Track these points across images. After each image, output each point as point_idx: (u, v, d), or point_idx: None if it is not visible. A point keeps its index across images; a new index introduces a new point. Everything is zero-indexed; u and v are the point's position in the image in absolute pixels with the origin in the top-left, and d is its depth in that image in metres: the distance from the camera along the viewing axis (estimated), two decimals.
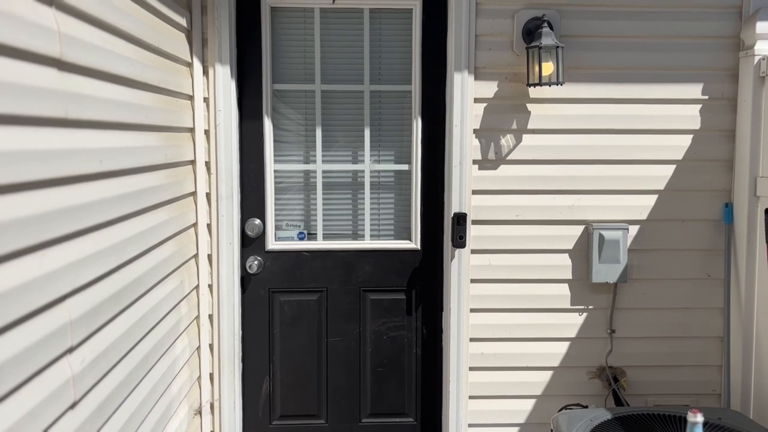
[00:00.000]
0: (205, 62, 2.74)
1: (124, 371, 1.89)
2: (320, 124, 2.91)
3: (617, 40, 2.81)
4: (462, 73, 2.78)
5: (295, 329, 2.98)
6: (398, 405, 3.04)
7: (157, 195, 2.21)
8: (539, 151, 2.85)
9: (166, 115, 2.33)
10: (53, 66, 1.44)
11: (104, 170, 1.74)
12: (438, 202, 2.95)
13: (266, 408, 3.00)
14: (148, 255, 2.12)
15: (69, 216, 1.52)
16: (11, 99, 1.27)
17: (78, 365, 1.57)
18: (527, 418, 2.97)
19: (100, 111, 1.71)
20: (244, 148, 2.88)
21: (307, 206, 2.96)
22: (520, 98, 2.82)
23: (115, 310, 1.81)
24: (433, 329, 3.01)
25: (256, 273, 2.92)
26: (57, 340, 1.45)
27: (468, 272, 2.88)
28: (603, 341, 2.95)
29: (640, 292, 2.93)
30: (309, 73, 2.89)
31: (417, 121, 2.90)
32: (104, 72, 1.74)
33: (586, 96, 2.83)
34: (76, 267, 1.56)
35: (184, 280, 2.58)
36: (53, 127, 1.45)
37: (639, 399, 2.96)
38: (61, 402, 1.48)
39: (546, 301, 2.92)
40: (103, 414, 1.73)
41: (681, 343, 2.96)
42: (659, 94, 2.84)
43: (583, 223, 2.89)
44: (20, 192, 1.30)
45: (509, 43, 2.79)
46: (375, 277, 2.98)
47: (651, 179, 2.88)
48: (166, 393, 2.34)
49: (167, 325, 2.34)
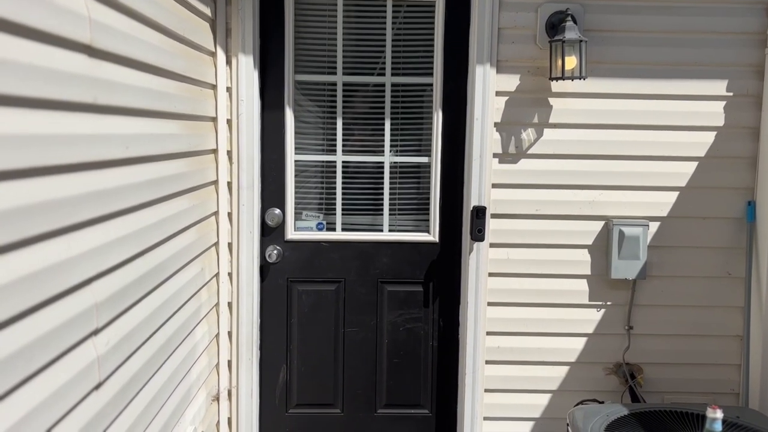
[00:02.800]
0: (229, 52, 2.75)
1: (146, 355, 1.92)
2: (341, 115, 2.92)
3: (641, 35, 2.79)
4: (484, 66, 2.77)
5: (313, 319, 3.00)
6: (414, 396, 3.05)
7: (179, 183, 2.24)
8: (560, 145, 2.84)
9: (190, 104, 2.35)
10: (84, 52, 1.46)
11: (130, 156, 1.76)
12: (457, 195, 2.95)
13: (283, 396, 3.02)
14: (170, 242, 2.15)
15: (96, 200, 1.54)
16: (43, 83, 1.29)
17: (103, 347, 1.59)
18: (543, 412, 2.97)
19: (127, 98, 1.73)
20: (265, 138, 2.90)
21: (326, 197, 2.98)
22: (542, 92, 2.81)
23: (139, 295, 1.84)
24: (450, 322, 3.02)
25: (275, 262, 2.95)
26: (83, 321, 1.48)
27: (486, 266, 2.88)
28: (620, 337, 2.94)
29: (659, 289, 2.91)
30: (331, 64, 2.90)
31: (438, 114, 2.90)
32: (132, 59, 1.76)
33: (608, 91, 2.81)
34: (102, 251, 1.58)
35: (205, 268, 2.60)
36: (82, 113, 1.47)
37: (655, 396, 2.95)
38: (87, 382, 1.50)
39: (564, 296, 2.91)
40: (125, 396, 1.75)
41: (699, 341, 2.94)
42: (683, 90, 2.82)
43: (603, 218, 2.88)
44: (50, 175, 1.33)
45: (532, 36, 2.78)
46: (393, 268, 2.99)
47: (673, 176, 2.86)
48: (186, 378, 2.37)
49: (188, 312, 2.36)
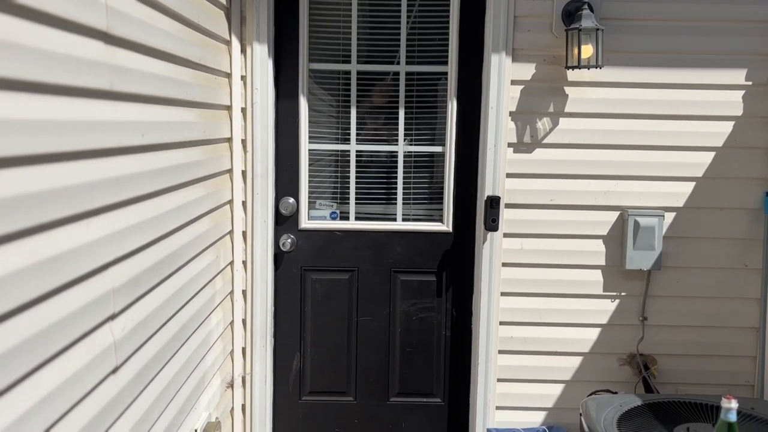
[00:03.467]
0: (243, 40, 2.76)
1: (162, 341, 1.94)
2: (355, 104, 2.92)
3: (658, 23, 2.76)
4: (499, 55, 2.75)
5: (326, 307, 3.01)
6: (426, 385, 3.06)
7: (194, 170, 2.25)
8: (576, 135, 2.82)
9: (205, 92, 2.36)
10: (100, 39, 1.47)
11: (146, 143, 1.78)
12: (471, 185, 2.94)
13: (296, 383, 3.04)
14: (185, 229, 2.16)
15: (112, 187, 1.56)
16: (61, 70, 1.30)
17: (119, 332, 1.61)
18: (555, 402, 2.97)
19: (143, 85, 1.74)
20: (279, 126, 2.90)
21: (340, 186, 2.98)
22: (558, 81, 2.79)
23: (155, 281, 1.86)
24: (462, 311, 3.02)
25: (289, 251, 2.96)
26: (101, 306, 1.50)
27: (500, 256, 2.87)
28: (634, 328, 2.93)
29: (674, 280, 2.89)
30: (345, 53, 2.90)
31: (452, 103, 2.89)
32: (148, 47, 1.76)
33: (625, 80, 2.79)
34: (119, 237, 1.60)
35: (220, 256, 2.62)
36: (99, 99, 1.48)
37: (669, 387, 2.94)
38: (104, 366, 1.52)
39: (578, 286, 2.90)
40: (142, 381, 1.77)
41: (714, 332, 2.92)
42: (700, 79, 2.79)
43: (619, 209, 2.86)
44: (68, 161, 1.34)
45: (548, 24, 2.76)
46: (406, 258, 2.99)
47: (689, 166, 2.84)
48: (201, 364, 2.39)
49: (203, 299, 2.38)
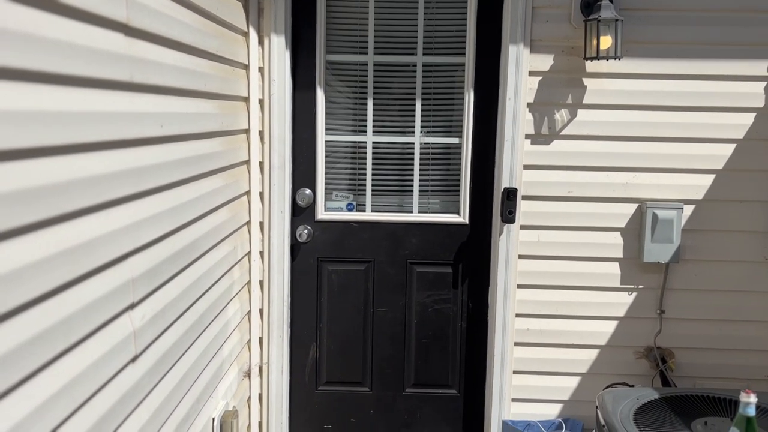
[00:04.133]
0: (261, 32, 2.76)
1: (180, 330, 1.96)
2: (372, 95, 2.92)
3: (678, 13, 2.73)
4: (517, 46, 2.74)
5: (342, 298, 3.02)
6: (442, 376, 3.07)
7: (212, 162, 2.26)
8: (594, 126, 2.80)
9: (223, 84, 2.37)
10: (120, 31, 1.48)
11: (165, 134, 1.79)
12: (488, 177, 2.94)
13: (313, 373, 3.06)
14: (203, 220, 2.18)
15: (132, 178, 1.57)
16: (81, 62, 1.31)
17: (138, 321, 1.63)
18: (571, 395, 2.96)
19: (163, 76, 1.75)
20: (296, 118, 2.91)
21: (356, 177, 2.99)
22: (576, 72, 2.77)
23: (173, 271, 1.88)
24: (479, 303, 3.02)
25: (306, 242, 2.97)
26: (120, 295, 1.52)
27: (516, 248, 2.87)
28: (652, 321, 2.91)
29: (693, 273, 2.87)
30: (362, 44, 2.89)
31: (469, 94, 2.88)
32: (167, 38, 1.78)
33: (644, 71, 2.76)
34: (138, 227, 1.61)
35: (237, 246, 2.64)
36: (119, 91, 1.49)
37: (687, 381, 2.92)
38: (123, 355, 1.54)
39: (595, 279, 2.89)
40: (160, 370, 1.80)
41: (733, 326, 2.90)
42: (721, 71, 2.75)
43: (637, 201, 2.84)
44: (89, 152, 1.35)
45: (567, 15, 2.74)
46: (422, 250, 2.99)
47: (709, 158, 2.81)
48: (218, 354, 2.41)
49: (220, 289, 2.40)
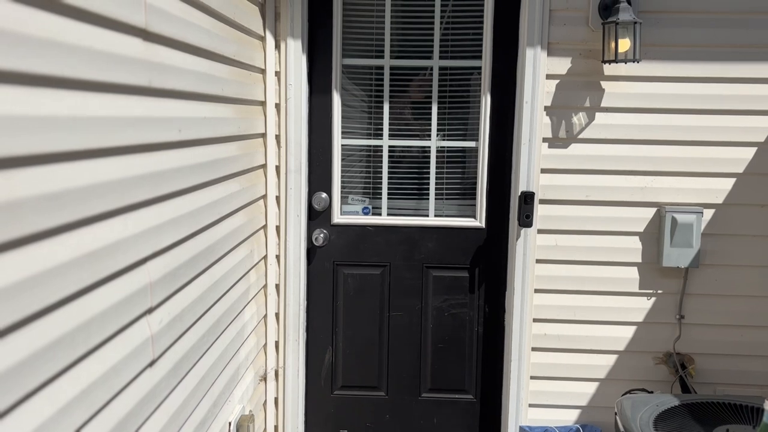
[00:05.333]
0: (278, 36, 2.77)
1: (197, 334, 1.97)
2: (387, 99, 2.91)
3: (697, 15, 2.70)
4: (534, 49, 2.72)
5: (358, 302, 3.02)
6: (458, 381, 3.05)
7: (229, 166, 2.27)
8: (612, 130, 2.77)
9: (240, 88, 2.38)
10: (139, 36, 1.49)
11: (182, 139, 1.80)
12: (504, 180, 2.92)
13: (328, 377, 3.06)
14: (220, 224, 2.18)
15: (150, 182, 1.58)
16: (101, 67, 1.32)
17: (156, 326, 1.63)
18: (589, 401, 2.93)
19: (180, 81, 1.76)
20: (312, 122, 2.91)
21: (372, 181, 2.98)
22: (594, 75, 2.75)
23: (191, 275, 1.88)
24: (495, 308, 3.00)
25: (322, 246, 2.97)
26: (139, 300, 1.52)
27: (534, 252, 2.85)
28: (671, 327, 2.87)
29: (713, 278, 2.83)
30: (378, 48, 2.89)
31: (486, 98, 2.87)
32: (185, 43, 1.78)
33: (663, 74, 2.73)
34: (157, 231, 1.62)
35: (254, 250, 2.64)
36: (138, 96, 1.50)
37: (707, 387, 2.88)
38: (141, 359, 1.55)
39: (613, 284, 2.86)
40: (177, 374, 1.80)
41: (755, 332, 2.86)
42: (741, 73, 2.72)
43: (656, 205, 2.81)
44: (107, 157, 1.36)
45: (584, 18, 2.72)
46: (438, 254, 2.98)
47: (729, 162, 2.77)
48: (235, 358, 2.42)
49: (237, 293, 2.41)
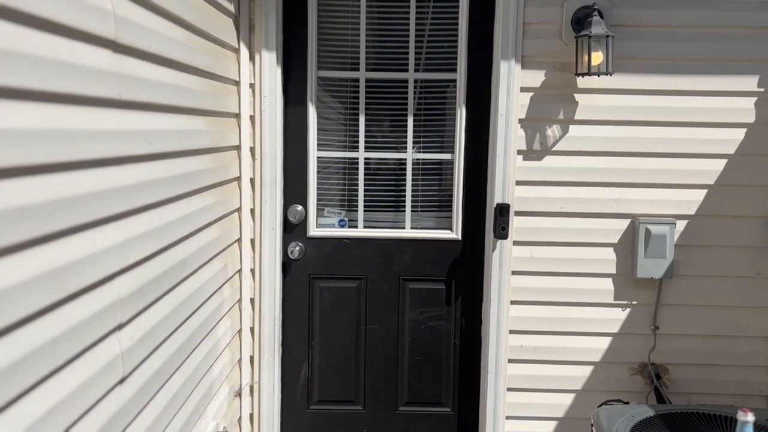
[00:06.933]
0: (252, 48, 2.75)
1: (169, 351, 1.93)
2: (363, 111, 2.91)
3: (669, 30, 2.74)
4: (509, 62, 2.74)
5: (335, 316, 2.99)
6: (435, 394, 3.04)
7: (203, 179, 2.24)
8: (586, 142, 2.80)
9: (214, 100, 2.36)
10: (108, 47, 1.47)
11: (153, 152, 1.77)
12: (480, 193, 2.92)
13: (304, 392, 3.02)
14: (193, 238, 2.15)
15: (120, 196, 1.55)
16: (68, 79, 1.29)
17: (126, 342, 1.60)
18: (566, 412, 2.94)
19: (152, 93, 1.74)
20: (288, 134, 2.89)
21: (348, 194, 2.97)
22: (568, 88, 2.77)
23: (162, 291, 1.85)
24: (472, 320, 2.99)
25: (298, 259, 2.94)
26: (108, 316, 1.49)
27: (509, 264, 2.85)
28: (646, 337, 2.89)
29: (686, 288, 2.86)
30: (354, 61, 2.89)
31: (461, 110, 2.88)
32: (156, 55, 1.76)
33: (635, 87, 2.76)
34: (126, 246, 1.59)
35: (228, 264, 2.61)
36: (107, 108, 1.47)
37: (682, 397, 2.90)
38: (111, 377, 1.51)
39: (588, 295, 2.87)
40: (149, 391, 1.76)
41: (727, 342, 2.88)
42: (712, 86, 2.76)
43: (629, 216, 2.83)
44: (75, 171, 1.33)
45: (558, 31, 2.74)
46: (415, 266, 2.97)
47: (701, 173, 2.81)
48: (208, 374, 2.38)
49: (210, 308, 2.37)
